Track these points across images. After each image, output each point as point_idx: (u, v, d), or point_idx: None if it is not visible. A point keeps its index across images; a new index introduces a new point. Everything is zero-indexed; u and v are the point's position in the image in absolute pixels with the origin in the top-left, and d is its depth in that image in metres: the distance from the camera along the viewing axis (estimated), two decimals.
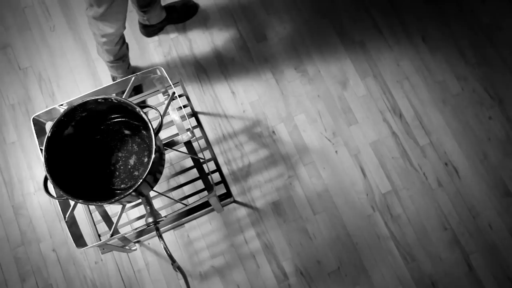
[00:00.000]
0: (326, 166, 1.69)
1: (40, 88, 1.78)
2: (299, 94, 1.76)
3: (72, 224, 0.96)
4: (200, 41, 1.82)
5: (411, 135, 1.71)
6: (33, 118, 0.99)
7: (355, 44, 1.81)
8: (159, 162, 0.91)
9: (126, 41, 1.59)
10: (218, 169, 1.27)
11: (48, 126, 1.05)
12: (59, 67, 1.80)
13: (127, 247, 1.24)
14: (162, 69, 1.04)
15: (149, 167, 0.84)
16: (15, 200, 1.66)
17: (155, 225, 0.99)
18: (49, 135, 0.87)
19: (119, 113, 1.00)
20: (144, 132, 1.00)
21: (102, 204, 0.83)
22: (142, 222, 1.56)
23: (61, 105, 1.00)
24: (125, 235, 1.03)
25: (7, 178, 1.68)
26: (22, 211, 1.65)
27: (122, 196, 0.83)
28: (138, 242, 1.56)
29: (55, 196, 0.89)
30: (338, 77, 1.78)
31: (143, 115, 0.87)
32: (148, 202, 0.98)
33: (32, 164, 1.70)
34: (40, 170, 1.70)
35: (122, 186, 0.96)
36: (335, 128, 1.72)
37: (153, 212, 0.98)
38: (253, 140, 1.71)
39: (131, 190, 0.82)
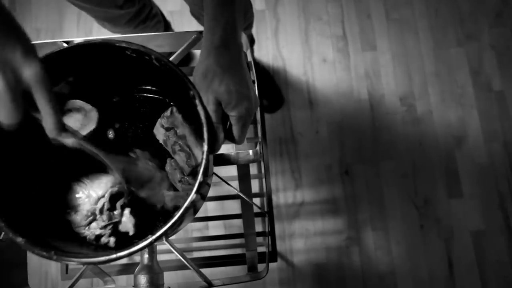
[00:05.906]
0: (401, 241, 1.22)
1: (77, 20, 1.40)
2: (396, 134, 1.29)
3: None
4: (290, 25, 1.38)
5: None
6: None
7: (491, 93, 1.32)
8: (199, 199, 0.48)
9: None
10: (270, 211, 0.83)
11: None
12: None
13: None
14: (245, 36, 0.62)
15: (183, 208, 0.42)
16: None
17: None
18: None
19: (153, 85, 0.58)
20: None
21: (66, 261, 0.40)
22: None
23: (66, 42, 0.59)
24: None
25: None
26: None
27: (114, 257, 0.39)
28: None
29: None
30: (454, 129, 1.29)
31: (201, 112, 0.44)
32: (150, 253, 0.55)
33: None
34: None
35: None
36: (429, 194, 1.25)
37: (153, 271, 0.55)
38: (316, 173, 1.26)
39: (139, 246, 0.40)
